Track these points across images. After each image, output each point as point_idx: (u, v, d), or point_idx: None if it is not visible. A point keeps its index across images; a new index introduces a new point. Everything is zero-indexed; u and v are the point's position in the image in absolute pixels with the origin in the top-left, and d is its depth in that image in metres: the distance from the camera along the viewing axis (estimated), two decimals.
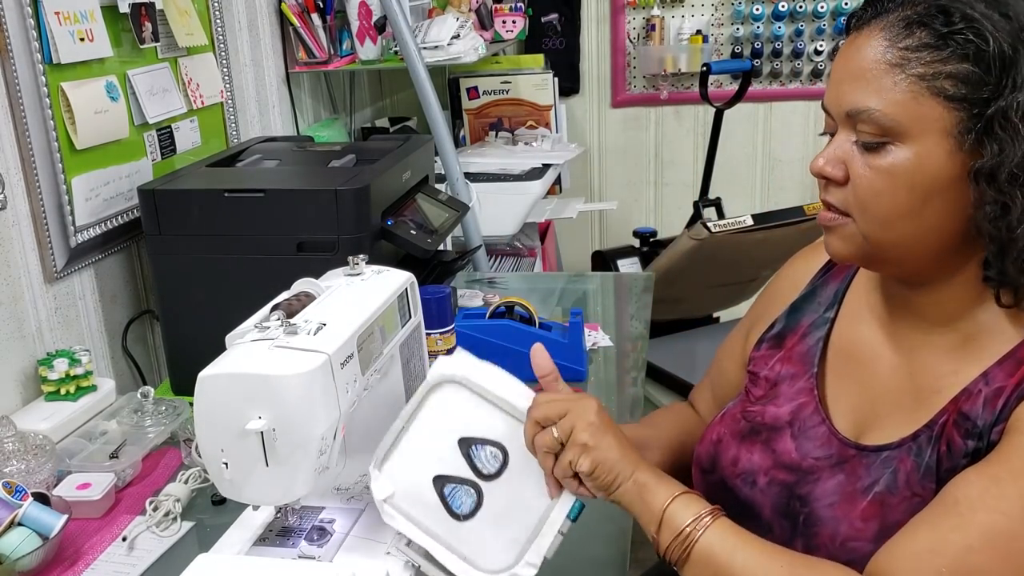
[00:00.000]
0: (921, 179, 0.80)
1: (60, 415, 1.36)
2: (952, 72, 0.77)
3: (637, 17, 3.73)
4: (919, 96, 0.78)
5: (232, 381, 0.86)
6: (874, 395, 0.93)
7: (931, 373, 0.88)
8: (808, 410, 0.97)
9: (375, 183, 1.46)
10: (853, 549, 0.87)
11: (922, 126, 0.79)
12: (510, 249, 2.92)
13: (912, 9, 0.80)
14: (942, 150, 0.79)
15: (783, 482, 0.95)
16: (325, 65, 2.30)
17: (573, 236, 3.80)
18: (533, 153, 2.92)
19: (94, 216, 1.54)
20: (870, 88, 0.81)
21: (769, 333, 1.05)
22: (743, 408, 1.03)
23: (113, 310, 1.61)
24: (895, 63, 0.79)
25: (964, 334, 0.86)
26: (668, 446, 1.13)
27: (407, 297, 1.09)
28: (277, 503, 0.96)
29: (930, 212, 0.81)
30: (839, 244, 0.87)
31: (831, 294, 1.02)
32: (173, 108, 1.74)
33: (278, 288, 1.04)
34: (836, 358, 0.98)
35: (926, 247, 0.83)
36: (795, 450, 0.95)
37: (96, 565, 1.11)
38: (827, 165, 0.85)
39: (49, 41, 1.41)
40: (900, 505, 0.85)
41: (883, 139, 0.81)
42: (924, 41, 0.78)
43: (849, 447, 0.92)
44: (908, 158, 0.80)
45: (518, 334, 1.54)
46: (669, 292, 2.61)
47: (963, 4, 0.78)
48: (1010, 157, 0.76)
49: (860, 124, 0.82)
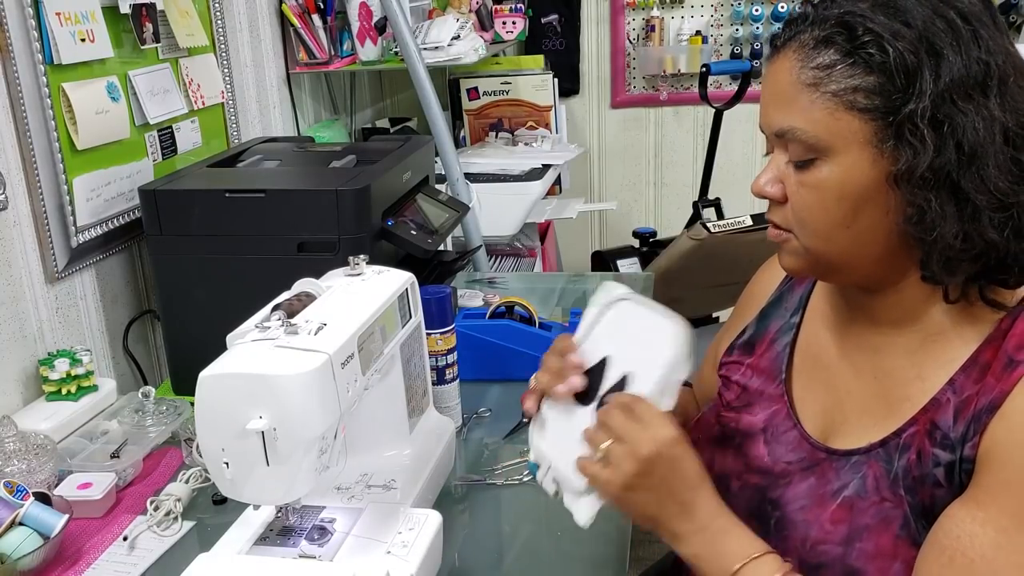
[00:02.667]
0: (850, 190, 0.82)
1: (61, 415, 1.36)
2: (862, 85, 0.79)
3: (637, 18, 3.73)
4: (836, 112, 0.80)
5: (233, 381, 0.87)
6: (840, 398, 0.93)
7: (896, 376, 0.88)
8: (780, 416, 0.97)
9: (375, 183, 1.46)
10: (822, 552, 0.87)
11: (844, 140, 0.81)
12: (510, 249, 2.92)
13: (820, 28, 0.82)
14: (865, 161, 0.81)
15: (755, 486, 0.95)
16: (326, 66, 2.30)
17: (573, 236, 3.81)
18: (533, 153, 2.92)
19: (95, 216, 1.54)
20: (791, 109, 0.83)
21: (740, 339, 1.06)
22: (717, 414, 1.04)
23: (114, 310, 1.62)
24: (810, 83, 0.82)
25: (923, 334, 0.87)
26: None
27: (407, 297, 1.09)
28: (278, 503, 0.96)
29: (864, 221, 0.82)
30: (789, 259, 0.90)
31: (797, 299, 1.03)
32: (174, 108, 1.74)
33: (279, 288, 1.04)
34: (803, 363, 0.99)
35: (868, 254, 0.85)
36: (767, 455, 0.96)
37: (97, 565, 1.11)
38: (766, 185, 0.88)
39: (50, 41, 1.42)
40: (869, 509, 0.86)
41: (811, 156, 0.83)
42: (833, 59, 0.80)
43: (820, 451, 0.92)
44: (834, 172, 0.82)
45: (518, 334, 1.55)
46: (669, 292, 2.61)
47: (864, 18, 0.79)
48: (922, 161, 0.77)
49: (789, 144, 0.85)
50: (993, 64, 0.78)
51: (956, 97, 0.77)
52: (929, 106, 0.77)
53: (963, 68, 0.77)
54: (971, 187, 0.77)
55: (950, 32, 0.78)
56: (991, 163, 0.77)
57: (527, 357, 1.54)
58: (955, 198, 0.78)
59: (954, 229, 0.78)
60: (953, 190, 0.78)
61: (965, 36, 0.78)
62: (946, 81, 0.77)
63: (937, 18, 0.78)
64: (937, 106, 0.77)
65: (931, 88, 0.77)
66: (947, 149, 0.77)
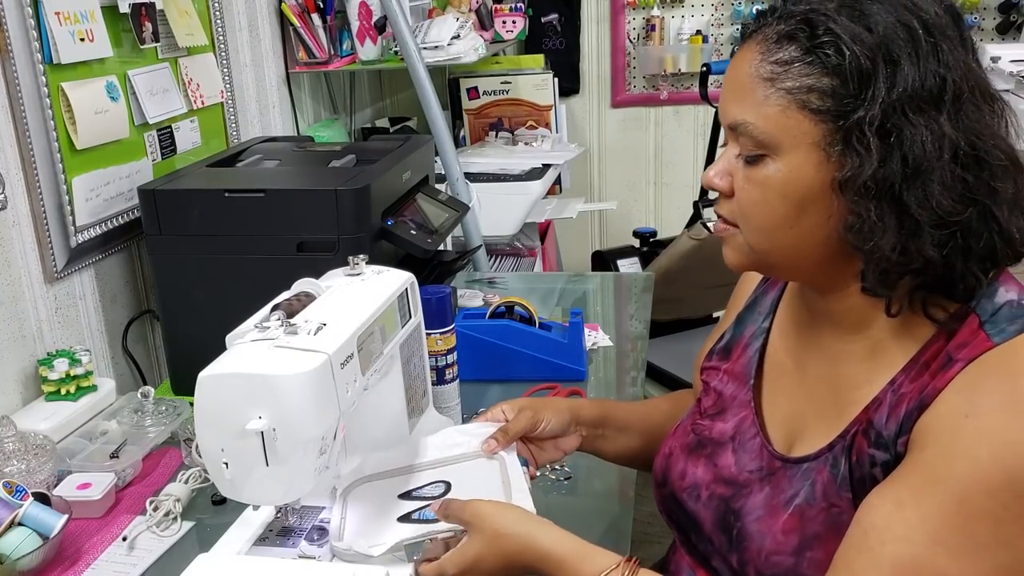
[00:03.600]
0: (793, 190, 0.81)
1: (60, 415, 1.36)
2: (816, 86, 0.78)
3: (637, 17, 3.73)
4: (788, 110, 0.80)
5: (232, 381, 0.87)
6: (803, 406, 0.92)
7: (849, 382, 0.87)
8: (746, 423, 0.97)
9: (375, 183, 1.46)
10: (776, 563, 0.86)
11: (793, 139, 0.80)
12: (510, 249, 2.92)
13: (785, 23, 0.81)
14: (811, 163, 0.80)
15: (721, 496, 0.95)
16: (325, 65, 2.30)
17: (573, 236, 3.81)
18: (533, 153, 2.92)
19: (94, 216, 1.54)
20: (746, 102, 0.82)
21: (719, 344, 1.06)
22: (693, 421, 1.03)
23: (113, 310, 1.61)
24: (767, 77, 0.81)
25: (874, 340, 0.86)
26: (651, 434, 1.14)
27: (407, 297, 1.09)
28: (277, 503, 0.96)
29: (807, 222, 0.82)
30: (731, 254, 0.90)
31: (769, 303, 1.02)
32: (173, 108, 1.74)
33: (278, 288, 1.04)
34: (771, 369, 0.98)
35: (810, 256, 0.84)
36: (734, 464, 0.95)
37: (96, 565, 1.11)
38: (715, 177, 0.88)
39: (49, 41, 1.41)
40: (818, 516, 0.85)
41: (760, 152, 0.82)
42: (793, 55, 0.80)
43: (776, 459, 0.91)
44: (780, 170, 0.81)
45: (518, 334, 1.55)
46: (669, 292, 2.61)
47: (827, 18, 0.79)
48: (866, 170, 0.76)
49: (741, 137, 0.84)
50: (950, 79, 0.77)
51: (907, 109, 0.76)
52: (879, 114, 0.76)
53: (918, 80, 0.76)
54: (913, 202, 0.76)
55: (910, 42, 0.77)
56: (936, 180, 0.75)
57: (527, 357, 1.54)
58: (897, 211, 0.76)
59: (892, 242, 0.76)
60: (895, 203, 0.76)
61: (925, 48, 0.77)
62: (899, 91, 0.76)
63: (900, 26, 0.77)
64: (887, 115, 0.76)
65: (883, 96, 0.76)
66: (892, 160, 0.76)
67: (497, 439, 1.04)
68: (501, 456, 1.04)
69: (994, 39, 3.53)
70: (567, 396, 1.48)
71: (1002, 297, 0.80)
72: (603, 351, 1.69)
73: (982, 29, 3.54)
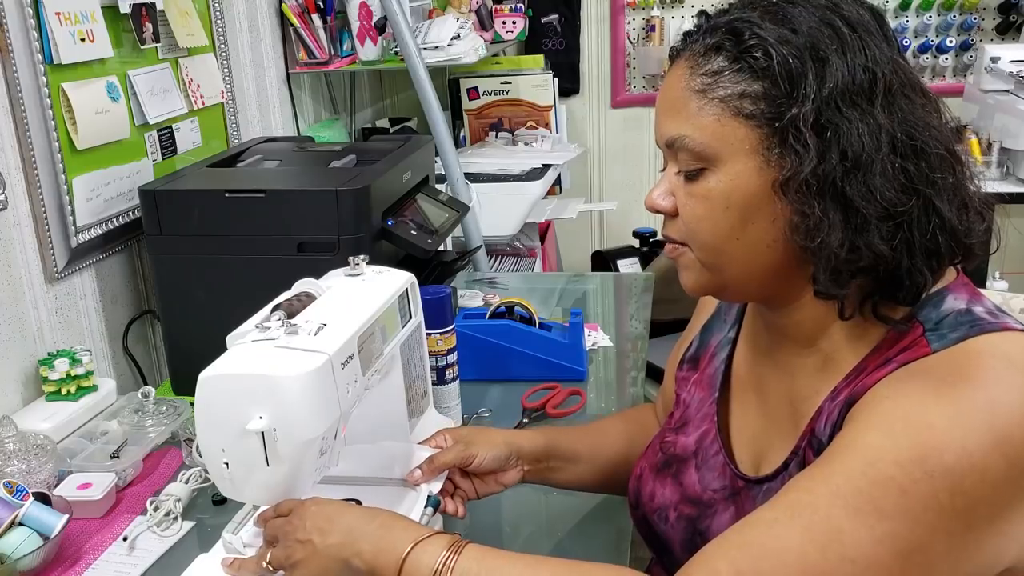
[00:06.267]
0: (736, 199, 0.80)
1: (61, 415, 1.36)
2: (748, 91, 0.78)
3: (637, 18, 3.73)
4: (722, 118, 0.80)
5: (233, 381, 0.87)
6: (766, 423, 0.92)
7: (802, 396, 0.87)
8: (708, 437, 0.96)
9: (375, 183, 1.46)
10: None
11: (730, 148, 0.80)
12: (510, 249, 2.92)
13: (712, 36, 0.81)
14: (751, 169, 0.79)
15: (688, 516, 0.94)
16: (326, 66, 2.30)
17: (573, 236, 3.81)
18: (533, 153, 2.92)
19: (95, 216, 1.54)
20: (680, 116, 0.82)
21: (688, 353, 1.05)
22: (662, 438, 1.02)
23: (114, 310, 1.61)
24: (699, 89, 0.81)
25: (825, 353, 0.85)
26: (603, 460, 1.12)
27: (407, 297, 1.09)
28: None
29: (753, 231, 0.81)
30: (685, 276, 0.89)
31: (735, 312, 1.01)
32: (174, 108, 1.74)
33: (279, 288, 1.04)
34: (737, 383, 0.97)
35: (760, 266, 0.83)
36: (698, 482, 0.95)
37: (97, 565, 1.11)
38: (658, 199, 0.87)
39: (50, 41, 1.42)
40: None
41: (699, 165, 0.82)
42: (721, 65, 0.80)
43: (739, 479, 0.91)
44: (721, 181, 0.81)
45: (518, 334, 1.55)
46: (669, 292, 2.60)
47: (751, 24, 0.79)
48: (805, 167, 0.76)
49: (679, 153, 0.83)
50: (880, 73, 0.77)
51: (840, 103, 0.76)
52: (812, 111, 0.76)
53: (848, 74, 0.76)
54: (857, 195, 0.75)
55: (836, 39, 0.77)
56: (877, 171, 0.75)
57: (527, 357, 1.54)
58: (842, 206, 0.76)
59: (839, 238, 0.76)
60: (839, 198, 0.76)
61: (851, 43, 0.77)
62: (830, 86, 0.76)
63: (824, 26, 0.78)
64: (821, 111, 0.76)
65: (815, 93, 0.76)
66: (831, 155, 0.76)
67: (422, 469, 1.02)
68: (421, 488, 1.02)
69: (994, 39, 3.52)
70: (567, 396, 1.48)
71: (949, 305, 0.80)
72: (603, 351, 1.69)
73: (982, 29, 3.54)
